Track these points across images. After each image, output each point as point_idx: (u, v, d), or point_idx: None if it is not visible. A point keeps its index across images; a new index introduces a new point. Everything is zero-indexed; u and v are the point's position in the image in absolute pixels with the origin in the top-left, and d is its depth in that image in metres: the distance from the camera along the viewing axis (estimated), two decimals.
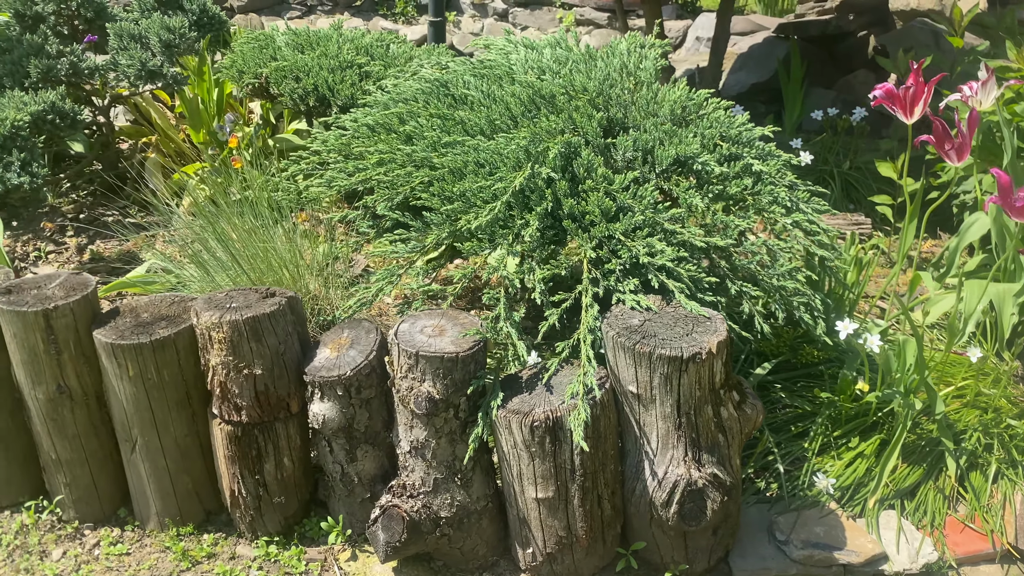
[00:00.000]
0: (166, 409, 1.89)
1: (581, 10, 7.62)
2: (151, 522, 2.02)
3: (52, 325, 1.82)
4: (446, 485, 1.84)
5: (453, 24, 7.87)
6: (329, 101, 2.94)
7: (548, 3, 7.80)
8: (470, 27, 7.78)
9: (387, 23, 7.89)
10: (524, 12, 7.83)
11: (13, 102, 3.11)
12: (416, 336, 1.79)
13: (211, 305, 1.83)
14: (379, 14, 8.07)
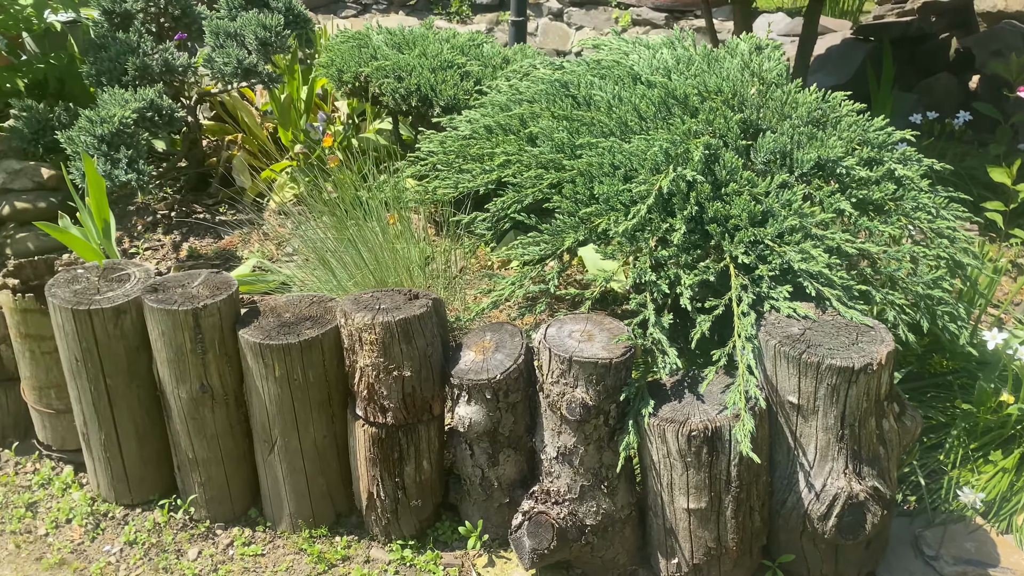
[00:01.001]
0: (308, 410, 1.87)
1: (638, 10, 7.55)
2: (283, 523, 2.00)
3: (200, 324, 1.81)
4: (592, 492, 1.81)
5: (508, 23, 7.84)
6: (431, 101, 2.92)
7: (604, 3, 7.74)
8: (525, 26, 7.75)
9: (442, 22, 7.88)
10: (579, 12, 7.78)
11: (115, 99, 3.12)
12: (566, 341, 1.76)
13: (360, 306, 1.81)
14: (434, 13, 8.06)
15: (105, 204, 2.59)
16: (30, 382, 2.07)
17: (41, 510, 2.06)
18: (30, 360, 2.03)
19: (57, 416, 2.10)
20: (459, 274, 2.90)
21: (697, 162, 1.94)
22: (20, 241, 3.14)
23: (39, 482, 2.13)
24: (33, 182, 3.27)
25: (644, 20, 7.41)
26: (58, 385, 2.06)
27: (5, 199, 3.25)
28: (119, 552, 1.95)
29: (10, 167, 3.28)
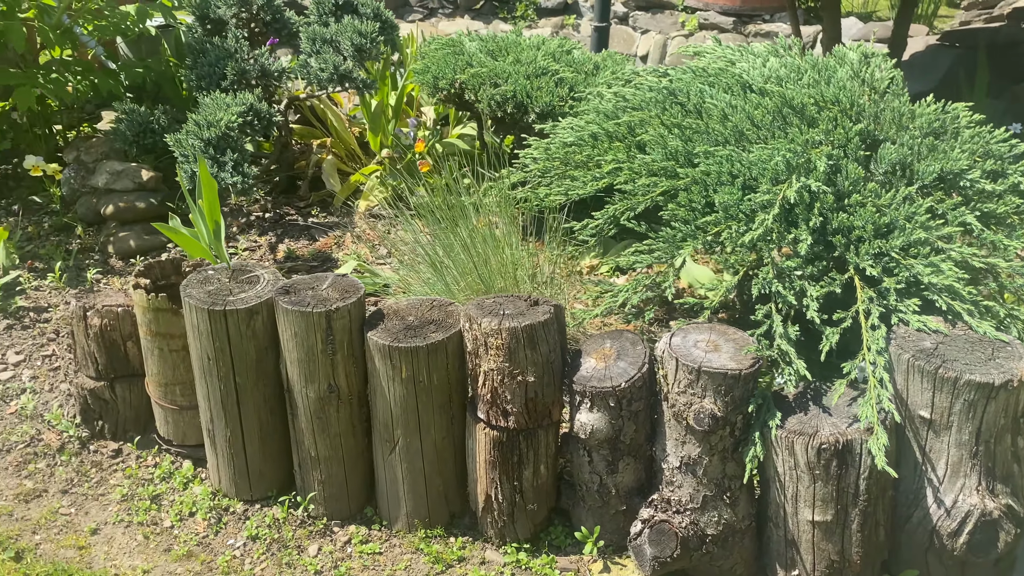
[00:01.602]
0: (430, 412, 1.91)
1: (705, 14, 7.50)
2: (399, 522, 2.04)
3: (332, 326, 1.86)
4: (714, 503, 1.81)
5: (572, 27, 7.85)
6: (527, 107, 2.94)
7: (670, 7, 7.70)
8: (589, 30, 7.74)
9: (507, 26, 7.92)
10: (645, 16, 7.75)
11: (217, 103, 3.21)
12: (692, 351, 1.76)
13: (485, 311, 1.84)
14: (499, 17, 8.11)
15: (217, 206, 2.66)
16: (156, 379, 2.14)
17: (165, 503, 2.13)
18: (158, 357, 2.10)
19: (180, 412, 2.17)
20: (564, 280, 2.91)
21: (821, 172, 1.94)
22: (122, 240, 3.24)
23: (160, 475, 2.20)
24: (134, 183, 3.37)
25: (711, 24, 7.36)
26: (183, 382, 2.13)
27: (108, 199, 3.35)
28: (243, 546, 2.01)
29: (112, 168, 3.39)
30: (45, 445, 2.29)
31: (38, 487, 2.16)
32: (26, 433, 2.32)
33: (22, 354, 2.62)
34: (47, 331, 2.71)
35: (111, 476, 2.21)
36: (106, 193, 3.38)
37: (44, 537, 2.02)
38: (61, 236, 3.32)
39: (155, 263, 2.16)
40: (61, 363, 2.58)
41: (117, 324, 2.18)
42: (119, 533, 2.05)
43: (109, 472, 2.22)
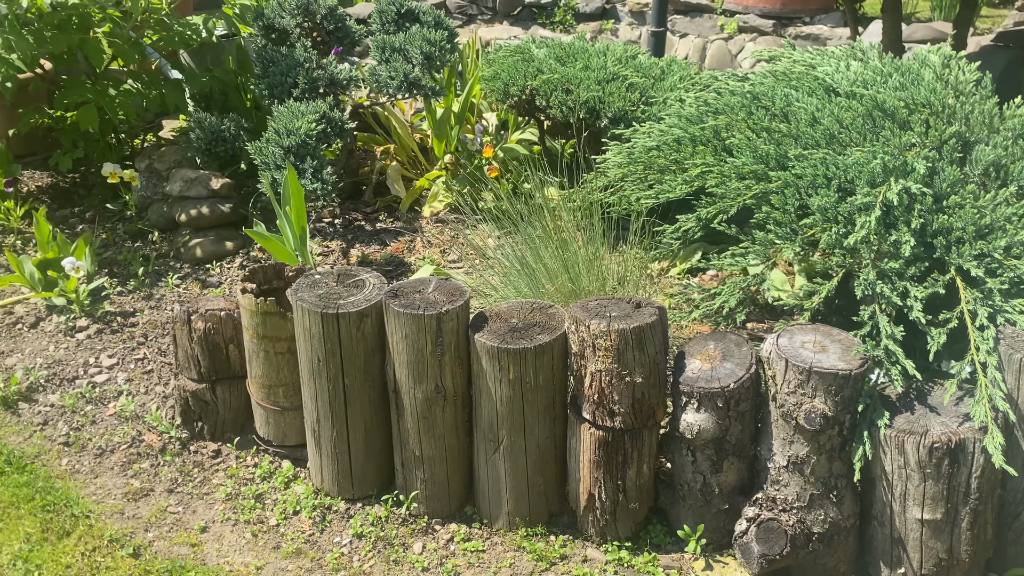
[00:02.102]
0: (535, 412, 1.95)
1: (744, 17, 7.50)
2: (500, 521, 2.08)
3: (442, 328, 1.90)
4: (820, 501, 1.84)
5: (611, 32, 7.89)
6: (599, 112, 2.98)
7: (708, 10, 7.70)
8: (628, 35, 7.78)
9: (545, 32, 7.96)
10: (684, 19, 7.76)
11: (292, 112, 3.28)
12: (801, 351, 1.79)
13: (591, 313, 1.88)
14: (537, 23, 8.15)
15: (303, 212, 2.73)
16: (259, 381, 2.20)
17: (268, 502, 2.19)
18: (263, 360, 2.15)
19: (281, 413, 2.22)
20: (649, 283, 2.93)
21: (920, 174, 1.96)
22: (196, 246, 3.31)
23: (261, 475, 2.26)
24: (207, 190, 3.45)
25: (751, 27, 7.36)
26: (286, 384, 2.18)
27: (181, 206, 3.43)
28: (349, 544, 2.06)
29: (185, 176, 3.47)
30: (147, 446, 2.35)
31: (144, 486, 2.23)
32: (127, 434, 2.38)
33: (115, 357, 2.70)
34: (136, 335, 2.79)
35: (213, 476, 2.27)
36: (180, 200, 3.46)
37: (156, 535, 2.08)
38: (135, 242, 3.40)
39: (258, 268, 2.22)
40: (153, 366, 2.65)
41: (220, 328, 2.24)
42: (227, 531, 2.10)
43: (211, 472, 2.28)
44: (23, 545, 2.00)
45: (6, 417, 2.46)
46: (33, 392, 2.55)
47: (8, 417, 2.46)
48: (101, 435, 2.39)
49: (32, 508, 2.11)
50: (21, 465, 2.25)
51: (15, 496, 2.14)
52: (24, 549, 1.99)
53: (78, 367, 2.65)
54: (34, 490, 2.16)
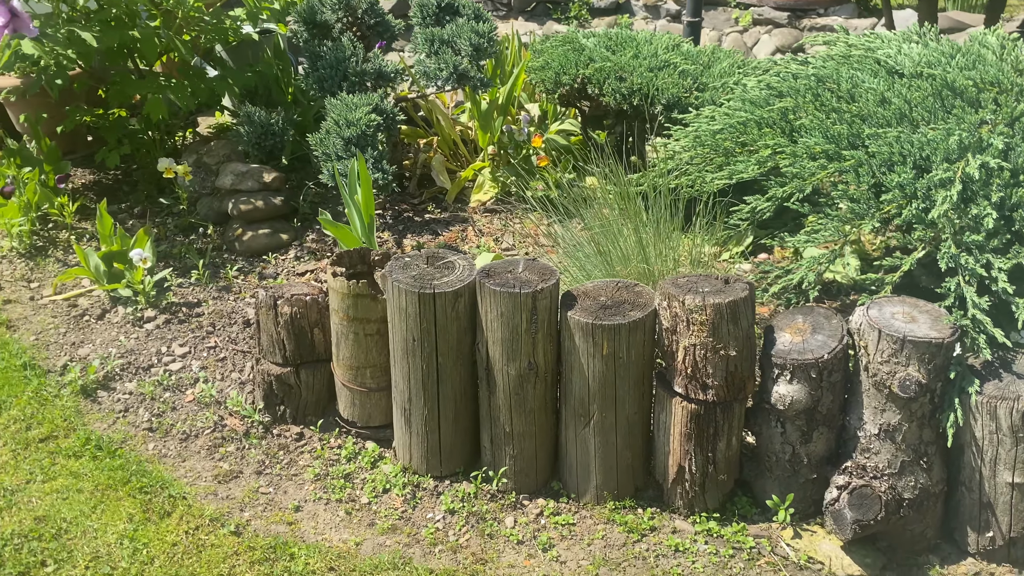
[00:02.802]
0: (627, 387, 2.00)
1: (759, 10, 7.55)
2: (587, 495, 2.13)
3: (536, 306, 1.95)
4: (911, 468, 1.89)
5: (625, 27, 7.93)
6: (653, 99, 3.03)
7: (723, 3, 7.76)
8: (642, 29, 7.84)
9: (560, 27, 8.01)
10: None
11: (346, 104, 3.33)
12: (892, 322, 1.84)
13: (684, 289, 1.93)
14: (552, 18, 8.20)
15: (371, 200, 2.78)
16: (347, 363, 2.24)
17: (357, 481, 2.23)
18: (352, 342, 2.20)
19: (368, 394, 2.27)
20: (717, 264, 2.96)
21: (998, 149, 2.01)
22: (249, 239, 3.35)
23: (347, 456, 2.30)
24: (258, 183, 3.49)
25: (765, 19, 7.41)
26: (374, 365, 2.23)
27: (233, 199, 3.47)
28: (443, 519, 2.11)
29: (236, 169, 3.51)
30: (231, 430, 2.40)
31: (233, 469, 2.27)
32: (209, 419, 2.43)
33: (186, 346, 2.74)
34: (204, 325, 2.83)
35: (299, 458, 2.31)
36: (231, 194, 3.50)
37: (252, 514, 2.13)
38: (186, 236, 3.44)
39: (344, 253, 2.27)
40: (226, 354, 2.69)
41: (306, 312, 2.28)
42: (321, 510, 2.15)
43: (296, 454, 2.33)
44: (127, 525, 2.04)
45: (87, 405, 2.50)
46: (110, 380, 2.59)
47: (89, 405, 2.50)
48: (183, 421, 2.43)
49: (130, 490, 2.15)
50: (111, 450, 2.30)
51: (111, 479, 2.18)
52: (129, 528, 2.03)
53: (151, 356, 2.69)
54: (128, 473, 2.21)
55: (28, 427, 2.36)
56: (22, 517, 2.05)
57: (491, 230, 3.46)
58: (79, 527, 2.03)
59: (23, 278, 3.19)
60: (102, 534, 2.01)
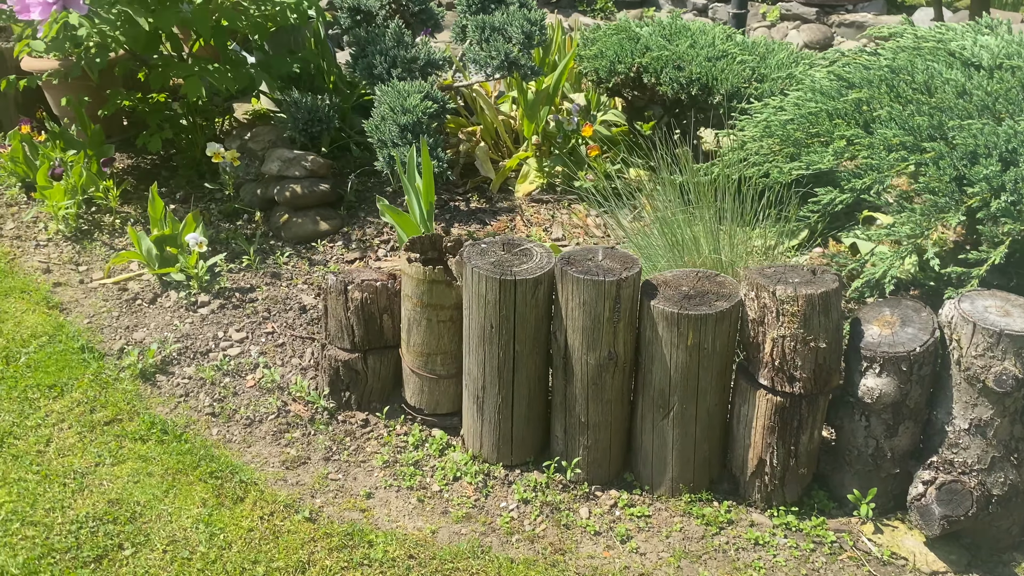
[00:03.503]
0: (709, 378, 1.98)
1: (787, 5, 7.50)
2: (662, 487, 2.11)
3: (620, 294, 1.93)
4: (1001, 464, 1.86)
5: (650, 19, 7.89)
6: (712, 89, 3.00)
7: None
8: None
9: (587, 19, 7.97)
10: (725, 7, 7.76)
11: (396, 91, 3.30)
12: (987, 315, 1.82)
13: (772, 279, 1.90)
14: (578, 10, 8.16)
15: (432, 188, 2.75)
16: (418, 349, 2.22)
17: (426, 468, 2.21)
18: (424, 328, 2.18)
19: (437, 381, 2.25)
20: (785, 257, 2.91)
21: None
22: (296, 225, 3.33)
23: (414, 443, 2.28)
24: (305, 170, 3.46)
25: (793, 15, 7.36)
26: (445, 352, 2.21)
27: (280, 185, 3.44)
28: (516, 508, 2.09)
29: (283, 156, 3.48)
30: (295, 416, 2.38)
31: (301, 455, 2.25)
32: (273, 405, 2.41)
33: (243, 331, 2.72)
34: (259, 310, 2.81)
35: (366, 444, 2.29)
36: (277, 180, 3.47)
37: (324, 500, 2.11)
38: (231, 222, 3.41)
39: (417, 240, 2.24)
40: (284, 340, 2.67)
41: (375, 298, 2.26)
42: (392, 497, 2.13)
43: (363, 440, 2.30)
44: (201, 509, 2.02)
45: (147, 389, 2.48)
46: (168, 365, 2.57)
47: (149, 389, 2.48)
48: (246, 406, 2.41)
49: (200, 475, 2.13)
50: (177, 434, 2.28)
51: (180, 463, 2.16)
52: (203, 513, 2.01)
53: (208, 341, 2.67)
54: (197, 458, 2.19)
55: (92, 410, 2.34)
56: (95, 500, 2.03)
57: (539, 220, 3.44)
58: (153, 511, 2.01)
59: (71, 261, 3.17)
60: (177, 518, 1.99)
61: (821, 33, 7.04)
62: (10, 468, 2.11)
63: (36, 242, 3.30)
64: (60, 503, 2.01)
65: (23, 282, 2.98)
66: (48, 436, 2.23)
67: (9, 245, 3.27)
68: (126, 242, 3.30)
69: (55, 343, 2.62)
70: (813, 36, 7.02)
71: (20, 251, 3.23)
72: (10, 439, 2.21)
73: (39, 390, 2.40)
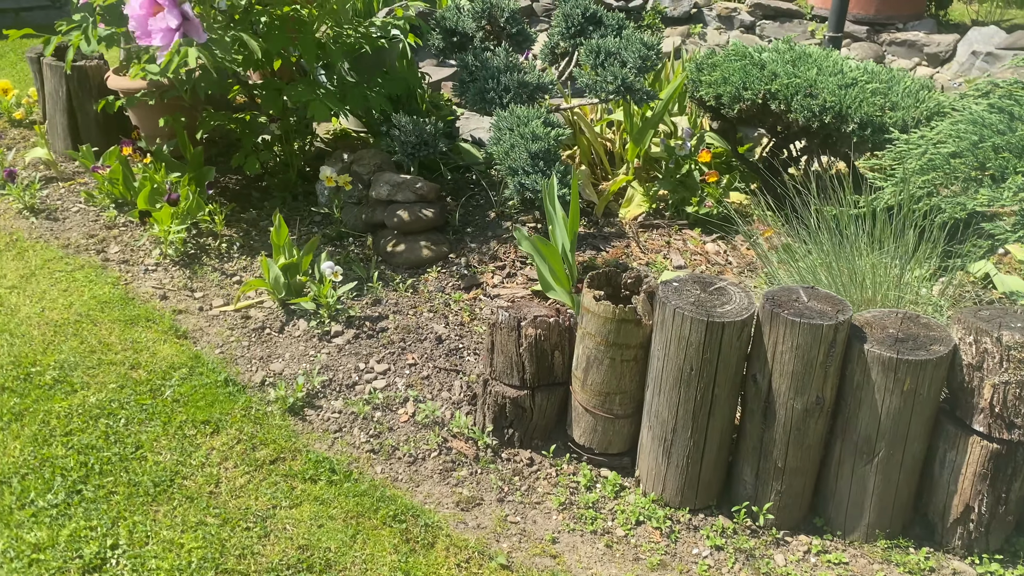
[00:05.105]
0: (919, 424, 1.93)
1: None
2: (856, 532, 2.06)
3: (836, 339, 1.88)
4: None
5: (698, 36, 7.88)
6: (846, 117, 2.96)
7: (798, 16, 7.70)
8: (716, 39, 7.78)
9: None
10: (773, 24, 7.76)
11: (515, 116, 3.26)
12: None
13: (993, 324, 1.86)
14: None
15: (577, 219, 2.70)
16: (597, 388, 2.16)
17: (604, 511, 2.16)
18: (607, 368, 2.12)
19: (613, 421, 2.19)
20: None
21: None
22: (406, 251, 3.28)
23: (586, 484, 2.23)
24: (415, 194, 3.42)
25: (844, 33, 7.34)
26: (624, 392, 2.15)
27: (390, 209, 3.40)
28: (711, 555, 2.03)
29: (392, 180, 3.44)
30: (458, 453, 2.32)
31: (473, 495, 2.19)
32: (433, 441, 2.35)
33: (384, 363, 2.66)
34: (394, 340, 2.75)
35: (536, 484, 2.24)
36: (384, 204, 3.42)
37: (510, 546, 2.05)
38: (336, 246, 3.36)
39: (596, 275, 2.19)
40: (428, 372, 2.61)
41: (548, 334, 2.21)
42: (578, 542, 2.07)
43: (532, 480, 2.25)
44: (394, 556, 1.96)
45: (298, 424, 2.42)
46: (314, 398, 2.51)
47: (300, 424, 2.42)
48: (405, 442, 2.35)
49: (383, 518, 2.07)
50: (346, 474, 2.22)
51: (359, 506, 2.10)
52: (397, 560, 1.95)
53: (351, 373, 2.61)
54: (374, 499, 2.13)
55: (252, 447, 2.28)
56: (284, 546, 1.96)
57: (654, 247, 3.39)
58: (347, 557, 1.95)
59: (185, 287, 3.11)
60: (372, 565, 1.93)
61: (872, 52, 7.03)
62: (187, 511, 2.05)
63: (144, 267, 3.24)
64: (249, 549, 1.95)
65: (145, 310, 2.92)
66: (216, 476, 2.17)
67: (118, 270, 3.21)
68: (236, 267, 3.24)
69: (196, 375, 2.56)
70: (864, 54, 7.02)
71: (130, 276, 3.18)
72: (179, 479, 2.15)
73: (194, 426, 2.34)
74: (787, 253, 2.80)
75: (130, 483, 2.12)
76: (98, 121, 4.15)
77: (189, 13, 2.90)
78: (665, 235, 3.47)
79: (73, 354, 2.63)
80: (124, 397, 2.44)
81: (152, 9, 2.74)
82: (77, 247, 3.35)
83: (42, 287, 3.03)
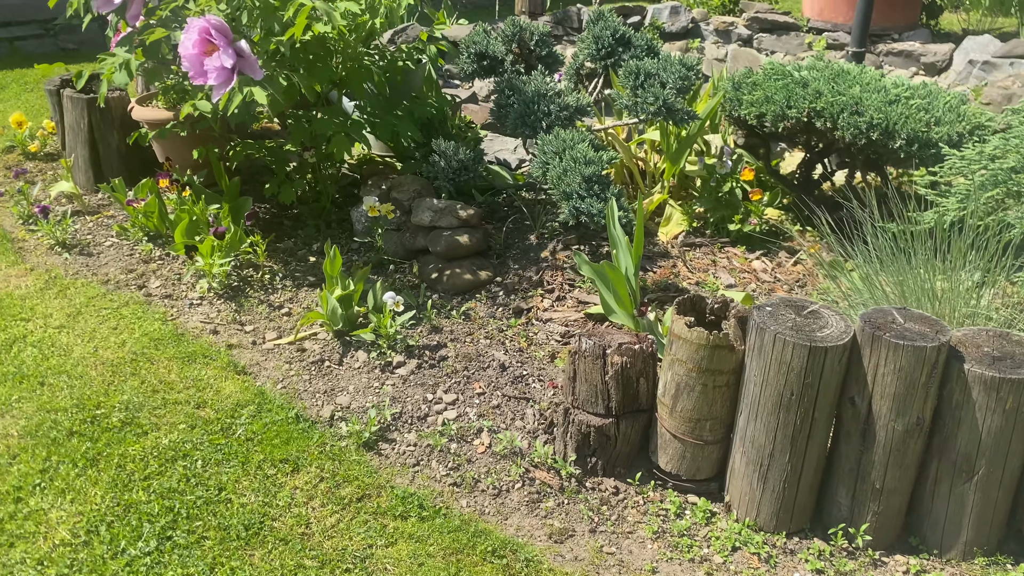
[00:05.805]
0: (1020, 441, 1.94)
1: (834, 35, 7.60)
2: (953, 551, 2.07)
3: (938, 360, 1.89)
4: None
5: (696, 51, 7.96)
6: (893, 134, 3.00)
7: (795, 28, 7.80)
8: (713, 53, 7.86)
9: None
10: (770, 38, 7.85)
11: (560, 139, 3.26)
12: None
13: None
14: None
15: (641, 242, 2.70)
16: (687, 415, 2.16)
17: (698, 538, 2.15)
18: (699, 394, 2.12)
19: (702, 447, 2.19)
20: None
21: None
22: (451, 276, 3.27)
23: (675, 511, 2.22)
24: (457, 219, 3.41)
25: (840, 44, 7.45)
26: (715, 418, 2.15)
27: (432, 236, 3.38)
28: None
29: (433, 206, 3.43)
30: (543, 483, 2.30)
31: (565, 527, 2.17)
32: (514, 472, 2.33)
33: (451, 393, 2.64)
34: (457, 369, 2.73)
35: (626, 513, 2.22)
36: (426, 230, 3.41)
37: None
38: (378, 273, 3.34)
39: (683, 301, 2.19)
40: (497, 400, 2.60)
41: (634, 362, 2.20)
42: (677, 571, 2.06)
43: (621, 509, 2.23)
44: None
45: (375, 459, 2.39)
46: (386, 431, 2.48)
47: (377, 459, 2.39)
48: (486, 474, 2.33)
49: (481, 554, 2.05)
50: (434, 509, 2.19)
51: (455, 542, 2.08)
52: None
53: (419, 404, 2.59)
54: (468, 535, 2.10)
55: (336, 485, 2.25)
56: None
57: (699, 265, 3.40)
58: None
59: (234, 321, 3.07)
60: None
61: (870, 62, 7.13)
62: (284, 554, 2.01)
63: (189, 301, 3.20)
64: None
65: (200, 346, 2.87)
66: (306, 516, 2.14)
67: (163, 305, 3.16)
68: (281, 298, 3.21)
69: (265, 412, 2.53)
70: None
71: (176, 311, 3.13)
72: (268, 521, 2.11)
73: (273, 465, 2.31)
74: (835, 268, 2.82)
75: (219, 527, 2.08)
76: (120, 153, 4.10)
77: (245, 51, 2.87)
78: (708, 253, 3.49)
79: (136, 394, 2.59)
80: (196, 437, 2.40)
81: (205, 48, 2.72)
82: (117, 283, 3.30)
83: (91, 325, 2.97)
